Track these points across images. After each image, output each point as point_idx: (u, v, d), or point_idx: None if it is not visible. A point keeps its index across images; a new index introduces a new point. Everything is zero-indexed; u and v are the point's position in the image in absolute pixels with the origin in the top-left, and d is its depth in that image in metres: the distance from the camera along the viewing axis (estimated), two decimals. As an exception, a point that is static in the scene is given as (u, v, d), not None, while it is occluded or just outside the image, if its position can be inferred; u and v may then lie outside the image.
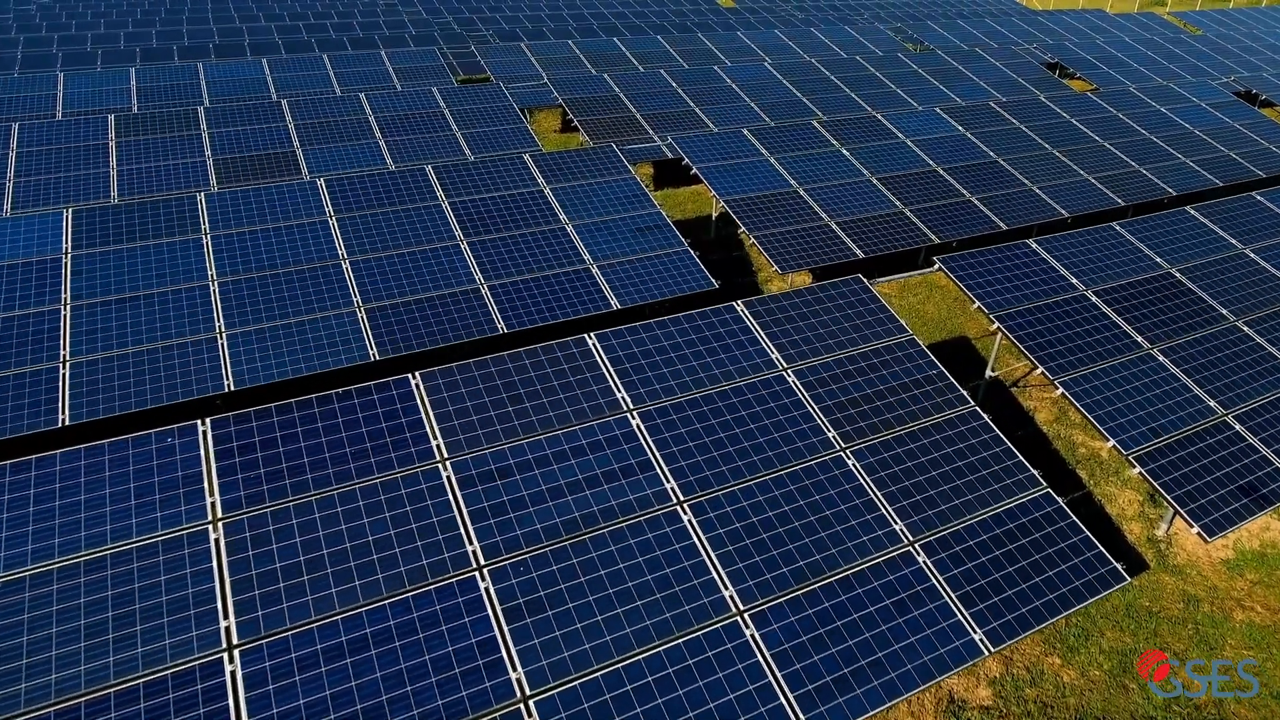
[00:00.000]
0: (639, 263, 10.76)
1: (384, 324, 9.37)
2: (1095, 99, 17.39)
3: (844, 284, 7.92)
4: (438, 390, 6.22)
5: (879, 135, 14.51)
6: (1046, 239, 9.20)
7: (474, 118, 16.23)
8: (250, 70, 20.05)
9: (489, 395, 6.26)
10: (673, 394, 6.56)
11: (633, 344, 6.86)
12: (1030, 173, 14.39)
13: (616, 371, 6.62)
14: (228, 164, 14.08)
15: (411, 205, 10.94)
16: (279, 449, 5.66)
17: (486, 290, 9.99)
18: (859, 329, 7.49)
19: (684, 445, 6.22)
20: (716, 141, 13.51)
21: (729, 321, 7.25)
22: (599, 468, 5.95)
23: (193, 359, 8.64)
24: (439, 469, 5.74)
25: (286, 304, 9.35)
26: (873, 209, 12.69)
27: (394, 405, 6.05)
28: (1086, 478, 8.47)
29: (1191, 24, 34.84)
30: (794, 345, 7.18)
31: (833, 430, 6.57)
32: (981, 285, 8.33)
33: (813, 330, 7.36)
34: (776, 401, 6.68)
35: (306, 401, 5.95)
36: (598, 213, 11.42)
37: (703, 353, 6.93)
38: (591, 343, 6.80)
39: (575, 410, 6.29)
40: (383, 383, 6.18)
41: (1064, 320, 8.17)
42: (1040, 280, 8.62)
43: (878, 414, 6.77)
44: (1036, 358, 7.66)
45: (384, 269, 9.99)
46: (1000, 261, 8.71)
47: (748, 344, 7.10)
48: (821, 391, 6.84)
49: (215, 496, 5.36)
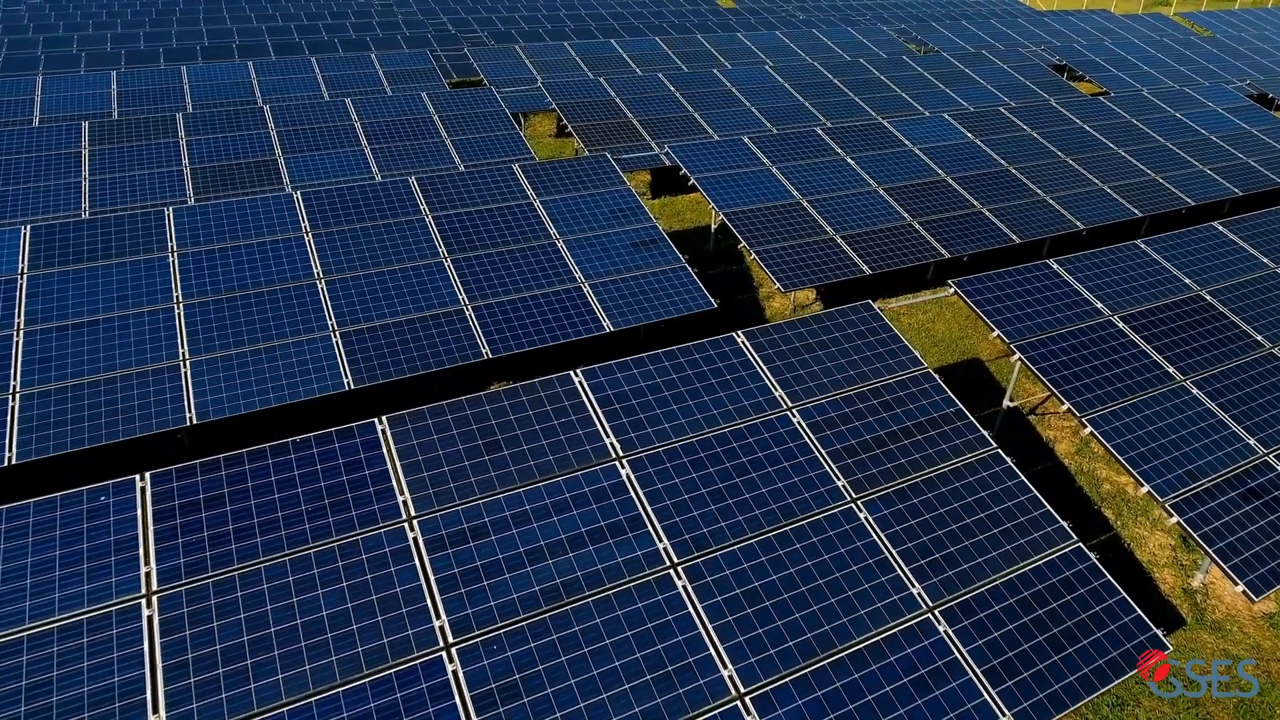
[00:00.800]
0: (633, 280, 10.17)
1: (360, 349, 8.78)
2: (1107, 103, 16.79)
3: (852, 310, 7.32)
4: (406, 437, 5.63)
5: (885, 143, 13.92)
6: (1068, 259, 8.60)
7: (464, 123, 15.63)
8: (235, 73, 19.46)
9: (463, 442, 5.66)
10: (666, 438, 5.97)
11: (623, 381, 6.27)
12: (1043, 182, 13.80)
13: (605, 413, 6.03)
14: (205, 173, 13.48)
15: (393, 219, 10.35)
16: (226, 508, 5.07)
17: (471, 312, 9.40)
18: (869, 361, 6.89)
19: (678, 498, 5.63)
20: (715, 150, 12.91)
21: (728, 355, 6.66)
22: (584, 525, 5.35)
23: (153, 389, 8.05)
24: (405, 529, 5.15)
25: (256, 328, 8.75)
26: (879, 221, 12.09)
27: (357, 455, 5.46)
28: (1113, 518, 7.88)
29: (1199, 25, 34.24)
30: (799, 381, 6.59)
31: (842, 478, 5.97)
32: (1000, 311, 7.73)
33: (819, 363, 6.77)
34: (780, 446, 6.09)
35: (259, 452, 5.36)
36: (590, 227, 10.82)
37: (699, 390, 6.34)
38: (577, 380, 6.20)
39: (559, 458, 5.69)
40: (345, 429, 5.58)
41: (1089, 349, 7.57)
42: (1062, 304, 8.02)
43: (891, 459, 6.18)
44: (1062, 392, 7.07)
45: (361, 289, 9.39)
46: (1019, 284, 8.12)
47: (749, 380, 6.51)
48: (830, 434, 6.25)
49: (151, 565, 4.76)
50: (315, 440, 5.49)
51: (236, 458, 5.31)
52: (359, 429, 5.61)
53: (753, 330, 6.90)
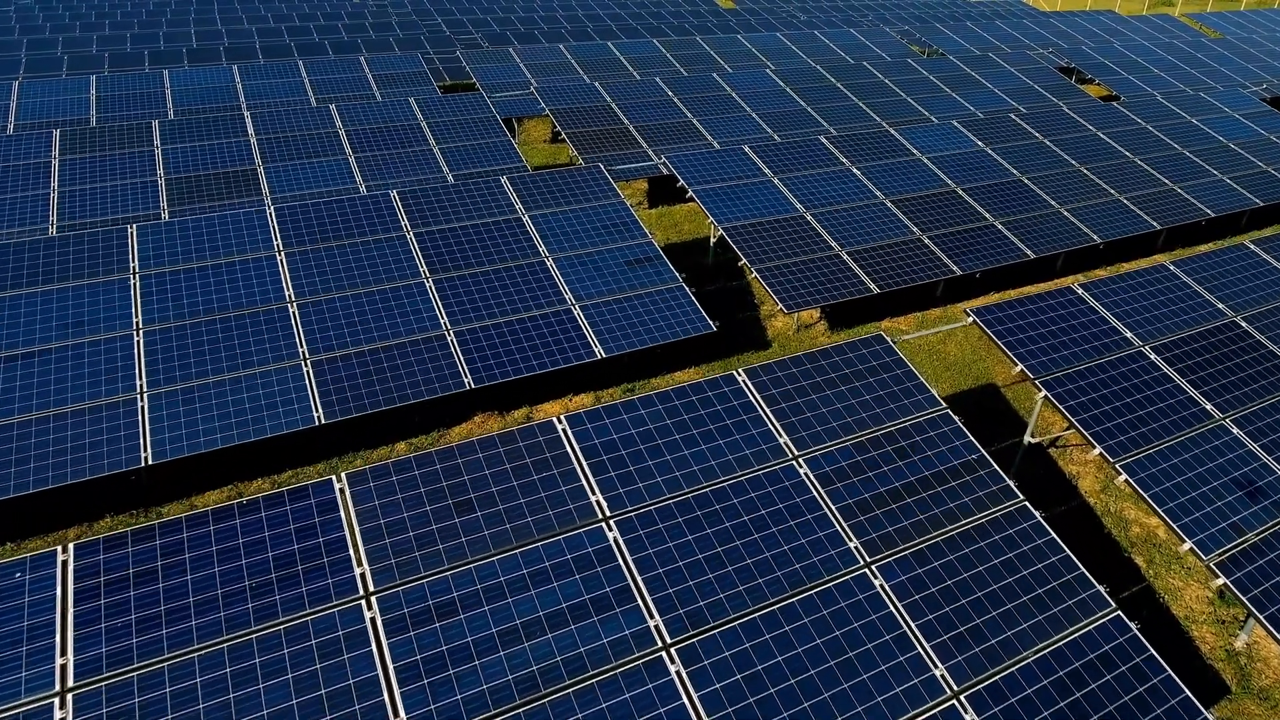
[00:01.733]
0: (627, 302, 9.57)
1: (333, 379, 8.18)
2: (1121, 109, 16.19)
3: (863, 344, 6.72)
4: (368, 497, 5.02)
5: (892, 152, 13.32)
6: (1093, 284, 8.00)
7: (453, 130, 15.02)
8: (219, 77, 18.86)
9: (431, 502, 5.06)
10: (659, 494, 5.37)
11: (611, 429, 5.66)
12: (1057, 192, 13.20)
13: (591, 465, 5.43)
14: (181, 184, 12.88)
15: (371, 237, 9.74)
16: (159, 584, 4.47)
17: (453, 337, 8.80)
18: (882, 401, 6.29)
19: (672, 565, 5.03)
20: (715, 160, 12.31)
21: (728, 396, 6.06)
22: (565, 600, 4.75)
23: (106, 426, 7.45)
24: (362, 608, 4.55)
25: (221, 357, 8.15)
26: (887, 236, 11.49)
27: (311, 519, 4.86)
28: (1144, 566, 7.28)
29: (1207, 26, 33.64)
30: (806, 425, 5.99)
31: (855, 539, 5.37)
32: (1022, 343, 7.13)
33: (828, 404, 6.17)
34: (786, 501, 5.48)
35: (200, 517, 4.75)
36: (582, 244, 10.22)
37: (696, 438, 5.74)
38: (561, 428, 5.60)
39: (538, 520, 5.09)
40: (299, 490, 4.98)
41: (1120, 385, 6.97)
42: (1089, 334, 7.42)
43: (908, 515, 5.58)
44: (1093, 434, 6.47)
45: (336, 313, 8.79)
46: (1042, 312, 7.52)
47: (750, 424, 5.91)
48: (840, 486, 5.65)
49: (69, 657, 4.16)
50: (264, 502, 4.89)
51: (173, 525, 4.70)
52: (314, 489, 5.00)
53: (754, 368, 6.29)
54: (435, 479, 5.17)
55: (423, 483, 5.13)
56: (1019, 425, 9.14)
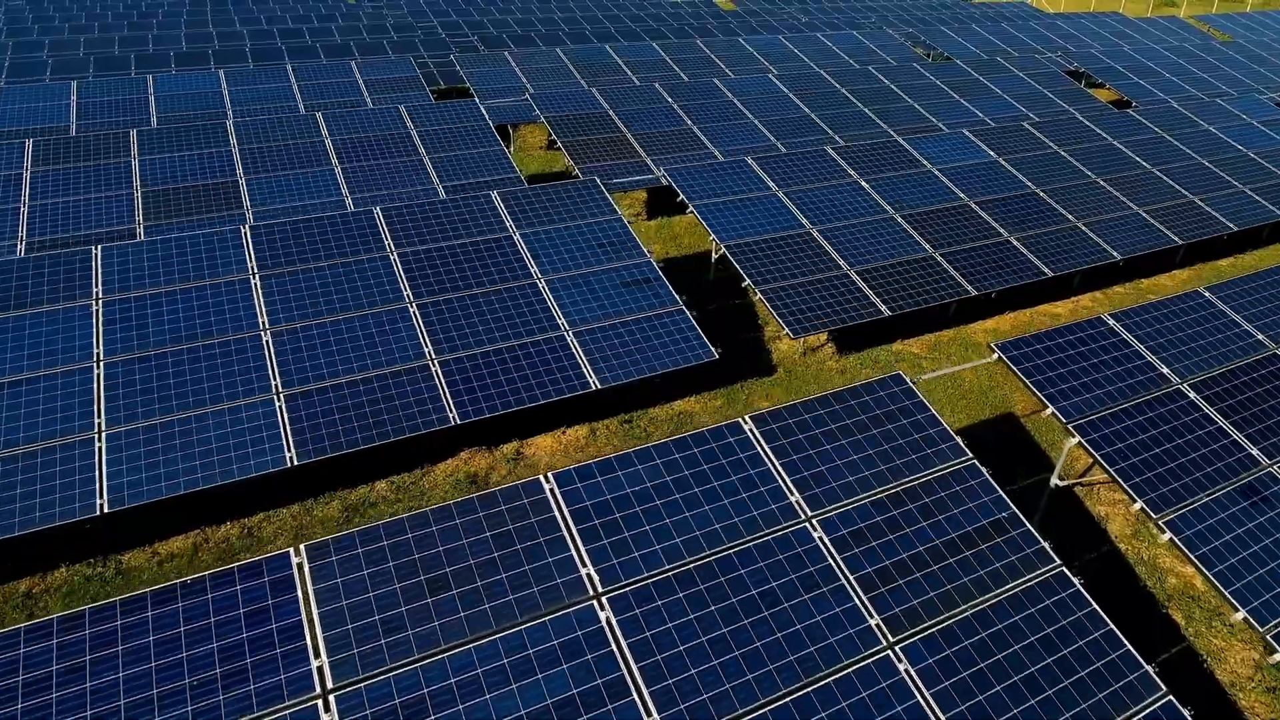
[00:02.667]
0: (624, 327, 9.00)
1: (307, 415, 7.61)
2: (1136, 116, 15.63)
3: (880, 385, 6.16)
4: (329, 573, 4.46)
5: (902, 163, 12.75)
6: (1125, 314, 7.44)
7: (445, 139, 14.45)
8: (205, 83, 18.29)
9: (401, 578, 4.49)
10: (657, 565, 4.80)
11: (604, 487, 5.10)
12: (1074, 206, 12.64)
13: (582, 532, 4.86)
14: (158, 197, 12.31)
15: (352, 258, 9.18)
16: (85, 684, 3.90)
17: (437, 367, 8.23)
18: (902, 451, 5.73)
19: (672, 650, 4.46)
20: (716, 173, 11.75)
21: (733, 448, 5.49)
22: (550, 696, 4.19)
23: (60, 470, 6.88)
24: (319, 710, 3.98)
25: (187, 391, 7.58)
26: (898, 253, 10.93)
27: (264, 601, 4.29)
28: (1183, 623, 6.72)
29: (1216, 28, 33.09)
30: (819, 480, 5.42)
31: (876, 615, 4.81)
32: (1052, 381, 6.57)
33: (843, 456, 5.60)
34: (799, 571, 4.92)
35: (136, 601, 4.19)
36: (576, 264, 9.66)
37: (698, 497, 5.17)
38: (548, 488, 5.04)
39: (521, 599, 4.53)
40: (251, 566, 4.41)
41: (1159, 428, 6.41)
42: (1123, 370, 6.86)
43: (934, 585, 5.02)
44: (1132, 486, 5.91)
45: (313, 341, 8.22)
46: (1071, 346, 6.95)
47: (758, 480, 5.34)
48: (858, 552, 5.08)
49: (-27, 775, 3.60)
50: (211, 582, 4.32)
51: (105, 611, 4.14)
52: (269, 564, 4.44)
53: (762, 414, 5.73)
54: (406, 551, 4.61)
55: (392, 556, 4.57)
56: (1041, 459, 8.58)
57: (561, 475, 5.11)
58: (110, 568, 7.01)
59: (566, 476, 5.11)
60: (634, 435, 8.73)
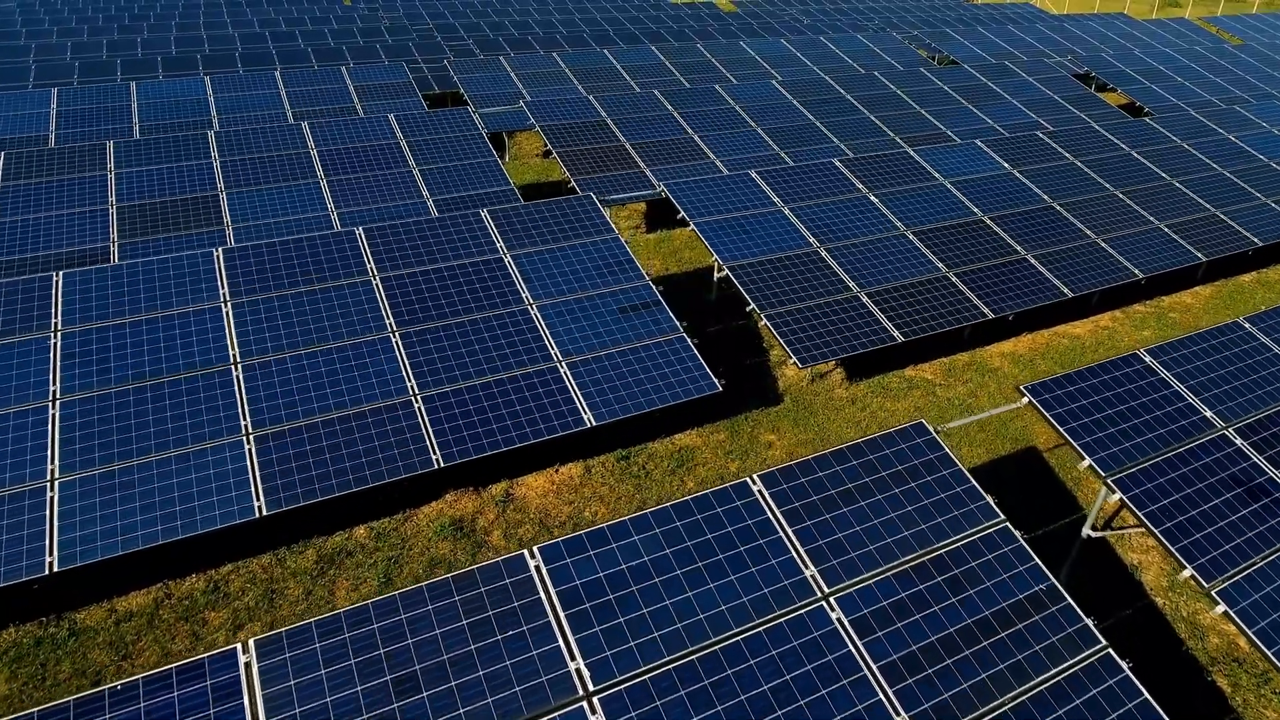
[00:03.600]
0: (621, 357, 8.45)
1: (279, 459, 7.05)
2: (1154, 125, 15.08)
3: (901, 436, 5.60)
4: (281, 674, 3.90)
5: (912, 176, 12.20)
6: (1162, 349, 6.88)
7: (436, 150, 13.90)
8: (191, 89, 17.74)
9: (364, 678, 3.94)
10: (655, 656, 4.25)
11: (597, 563, 4.55)
12: (1092, 221, 12.08)
13: (571, 618, 4.31)
14: (134, 212, 11.75)
15: (332, 283, 8.62)
16: (-11, 818, 3.35)
17: (421, 403, 7.68)
18: (928, 513, 5.18)
19: (673, 761, 3.91)
20: (718, 188, 11.19)
21: (740, 513, 4.94)
22: (533, 821, 3.64)
23: (7, 523, 6.33)
24: (261, 845, 3.43)
25: (150, 433, 7.03)
26: (910, 274, 10.37)
27: (204, 710, 3.74)
28: (1228, 689, 6.16)
29: (1225, 30, 32.53)
30: (837, 550, 4.87)
31: (904, 712, 4.26)
32: (1088, 429, 6.01)
33: (861, 520, 5.05)
34: (815, 660, 4.37)
35: (57, 713, 3.63)
36: (570, 288, 9.11)
37: (701, 573, 4.62)
38: (534, 565, 4.48)
39: (500, 701, 3.97)
40: (191, 667, 3.86)
41: (1205, 481, 5.86)
42: (1163, 414, 6.30)
43: (968, 673, 4.46)
44: (1180, 550, 5.35)
45: (286, 376, 7.67)
46: (1105, 387, 6.40)
47: (769, 551, 4.79)
48: (881, 636, 4.53)
49: None
50: (144, 688, 3.77)
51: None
52: (211, 665, 3.88)
53: (773, 474, 5.17)
54: (370, 644, 4.05)
55: (354, 651, 4.01)
56: (1066, 499, 8.03)
57: (548, 549, 4.55)
58: (64, 628, 6.45)
59: (554, 551, 4.56)
60: (631, 474, 8.17)
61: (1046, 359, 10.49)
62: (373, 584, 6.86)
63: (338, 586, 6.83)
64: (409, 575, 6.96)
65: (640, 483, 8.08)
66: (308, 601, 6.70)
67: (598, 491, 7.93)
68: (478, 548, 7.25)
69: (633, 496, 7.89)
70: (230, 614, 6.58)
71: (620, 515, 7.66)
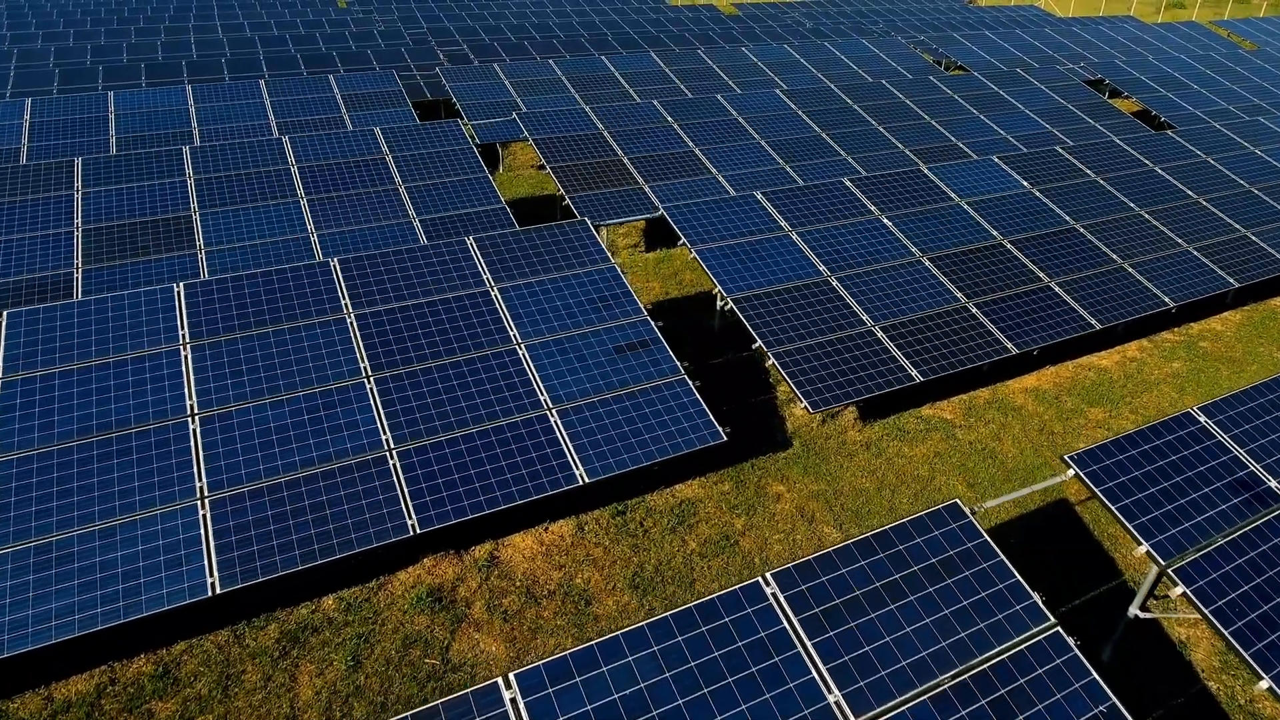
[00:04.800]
0: (617, 403, 7.76)
1: (236, 526, 6.37)
2: (1176, 138, 14.39)
3: (934, 520, 4.91)
4: None
5: (926, 196, 11.51)
6: (1217, 406, 6.19)
7: (424, 166, 13.22)
8: (171, 99, 17.05)
9: None
10: (654, 814, 3.56)
11: (584, 693, 3.86)
12: (1118, 243, 11.39)
13: (551, 765, 3.62)
14: (101, 235, 11.07)
15: (302, 321, 7.93)
16: None
17: (396, 459, 6.99)
18: (966, 617, 4.49)
19: None
20: (722, 210, 10.50)
21: (752, 622, 4.25)
22: None
23: (-75, 606, 5.64)
24: None
25: (93, 497, 6.34)
26: (927, 305, 9.68)
27: None
28: (1300, 796, 5.48)
29: (1237, 34, 31.85)
30: (864, 666, 4.18)
31: None
32: (1143, 507, 5.32)
33: (892, 628, 4.36)
34: (842, 812, 3.68)
35: None
36: (562, 324, 8.42)
37: (706, 702, 3.93)
38: (509, 697, 3.79)
39: None
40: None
41: (1277, 569, 5.16)
42: (1225, 487, 5.62)
43: (1022, 825, 3.77)
44: (1253, 655, 4.67)
45: (249, 428, 6.98)
46: (1159, 454, 5.71)
47: (785, 671, 4.10)
48: (920, 779, 3.84)
49: None
50: None
51: None
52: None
53: (788, 571, 4.48)
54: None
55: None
56: (1102, 559, 7.34)
57: (526, 679, 3.86)
58: (-9, 721, 5.77)
59: (533, 679, 3.87)
60: (628, 531, 7.49)
61: (1072, 394, 9.80)
62: (339, 667, 6.17)
63: (301, 671, 6.14)
64: (380, 656, 6.27)
65: (637, 542, 7.39)
66: (266, 689, 6.01)
67: (591, 554, 7.24)
68: (457, 622, 6.56)
69: (629, 560, 7.20)
70: (180, 705, 5.89)
71: (614, 581, 6.98)
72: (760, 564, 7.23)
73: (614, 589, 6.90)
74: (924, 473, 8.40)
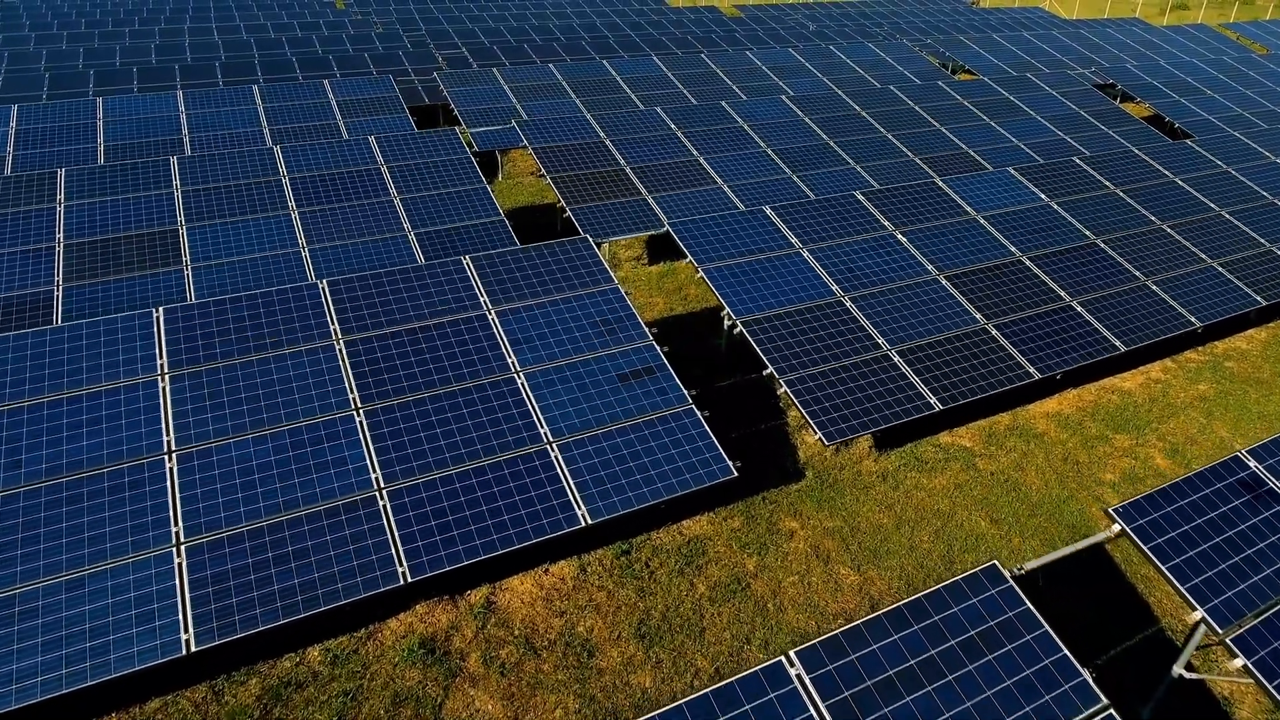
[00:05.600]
0: (621, 436, 7.34)
1: (214, 576, 5.94)
2: (1195, 147, 13.97)
3: (970, 585, 4.49)
4: None
5: (941, 210, 11.08)
6: (1266, 449, 5.76)
7: (420, 176, 12.79)
8: (162, 105, 16.62)
9: None
10: None
11: (589, 799, 3.42)
12: (1140, 260, 10.97)
13: None
14: (84, 251, 10.64)
15: (289, 348, 7.51)
16: None
17: (387, 499, 6.56)
18: (1011, 699, 4.06)
19: None
20: (729, 226, 10.07)
21: (776, 710, 3.82)
22: None
23: (-126, 669, 5.21)
24: None
25: (60, 545, 5.91)
26: (945, 327, 9.26)
27: None
28: None
29: (1246, 37, 31.42)
30: (900, 760, 3.75)
31: None
32: (1195, 566, 4.90)
33: (932, 715, 3.93)
34: None
35: None
36: (564, 350, 7.99)
37: (728, 806, 3.50)
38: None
39: None
40: None
41: (1343, 632, 4.74)
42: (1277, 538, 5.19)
43: None
44: (1326, 737, 4.23)
45: (229, 467, 6.55)
46: (1209, 505, 5.29)
47: (813, 766, 3.67)
48: None
49: None
50: None
51: None
52: None
53: (814, 649, 4.06)
54: None
55: None
56: (1135, 603, 6.92)
57: (524, 781, 3.43)
58: (-52, 790, 5.34)
59: (532, 781, 3.43)
60: (633, 573, 7.06)
61: (1096, 420, 9.37)
62: (324, 729, 5.75)
63: (282, 733, 5.72)
64: (368, 715, 5.85)
65: (644, 585, 6.96)
66: (245, 755, 5.58)
67: (594, 598, 6.81)
68: (451, 676, 6.14)
69: (634, 605, 6.77)
70: (150, 772, 5.47)
71: (619, 630, 6.55)
72: (774, 609, 6.80)
73: (619, 638, 6.48)
74: (944, 507, 7.97)
